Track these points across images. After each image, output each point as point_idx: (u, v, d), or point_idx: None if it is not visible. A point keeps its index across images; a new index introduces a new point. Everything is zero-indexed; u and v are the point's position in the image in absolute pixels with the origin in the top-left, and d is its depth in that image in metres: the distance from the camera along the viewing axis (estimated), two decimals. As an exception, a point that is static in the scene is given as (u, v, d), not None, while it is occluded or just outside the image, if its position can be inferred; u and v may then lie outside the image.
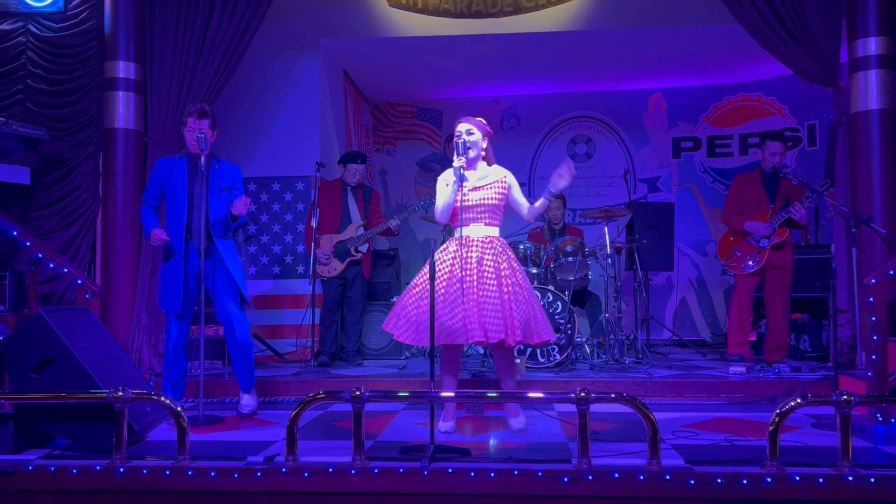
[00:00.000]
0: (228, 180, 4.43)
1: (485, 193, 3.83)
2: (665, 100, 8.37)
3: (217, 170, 4.42)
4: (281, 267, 6.57)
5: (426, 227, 7.68)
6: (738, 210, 5.49)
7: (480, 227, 3.83)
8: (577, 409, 2.88)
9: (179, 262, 4.30)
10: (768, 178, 5.42)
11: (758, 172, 5.53)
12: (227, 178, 4.43)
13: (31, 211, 5.51)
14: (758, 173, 5.52)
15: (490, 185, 3.85)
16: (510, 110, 8.63)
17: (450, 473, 2.88)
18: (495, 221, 3.87)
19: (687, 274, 8.13)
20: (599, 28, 6.46)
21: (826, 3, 5.19)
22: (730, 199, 5.61)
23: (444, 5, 6.44)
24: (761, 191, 5.42)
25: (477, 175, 3.87)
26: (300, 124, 6.57)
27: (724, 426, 3.93)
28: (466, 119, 3.95)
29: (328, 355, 5.87)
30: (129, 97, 5.52)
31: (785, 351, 5.43)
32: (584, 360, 5.69)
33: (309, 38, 6.60)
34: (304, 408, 3.03)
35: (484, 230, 3.83)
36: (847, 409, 2.81)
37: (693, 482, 2.76)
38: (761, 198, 5.41)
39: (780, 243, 5.28)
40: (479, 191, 3.83)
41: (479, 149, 3.88)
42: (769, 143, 5.41)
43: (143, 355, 5.34)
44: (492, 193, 3.83)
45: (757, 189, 5.44)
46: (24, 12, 5.66)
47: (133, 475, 2.97)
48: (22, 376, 3.54)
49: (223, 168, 4.45)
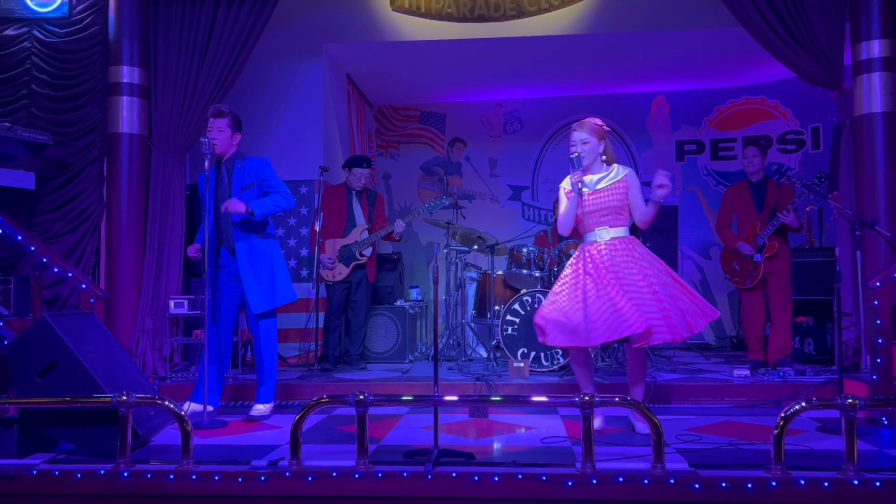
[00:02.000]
0: (250, 177, 4.37)
1: (607, 195, 3.81)
2: (668, 103, 8.38)
3: (240, 169, 4.38)
4: (285, 271, 6.57)
5: (430, 230, 7.68)
6: (728, 223, 5.65)
7: (606, 230, 3.82)
8: (581, 412, 2.87)
9: (210, 269, 4.29)
10: (755, 187, 5.56)
11: (745, 183, 5.66)
12: (249, 175, 4.37)
13: (36, 216, 5.52)
14: (745, 184, 5.65)
15: (610, 186, 3.82)
16: (513, 114, 8.64)
17: (454, 477, 2.87)
18: (620, 221, 3.82)
19: (690, 277, 8.12)
20: (602, 31, 6.46)
21: (829, 6, 5.18)
22: (721, 212, 5.76)
23: (446, 9, 6.45)
24: (749, 201, 5.55)
25: (597, 177, 3.85)
26: (304, 129, 6.59)
27: (729, 430, 3.91)
28: (579, 126, 3.88)
29: (332, 359, 5.88)
30: (134, 102, 5.53)
31: (789, 350, 5.49)
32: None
33: (312, 42, 6.62)
34: (308, 412, 3.04)
35: (611, 232, 3.81)
36: (852, 413, 2.80)
37: (698, 486, 2.76)
38: (750, 208, 5.54)
39: (773, 254, 5.39)
40: (600, 193, 3.82)
41: (598, 152, 3.85)
42: (747, 149, 5.65)
43: (147, 359, 5.34)
44: (612, 195, 3.81)
45: (746, 200, 5.58)
46: (28, 17, 5.68)
47: (137, 479, 2.97)
48: (27, 380, 3.54)
49: (245, 166, 4.39)
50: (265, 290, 4.34)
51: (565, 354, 5.37)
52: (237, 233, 4.32)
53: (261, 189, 4.38)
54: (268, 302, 4.35)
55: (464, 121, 8.70)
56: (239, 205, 4.19)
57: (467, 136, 8.72)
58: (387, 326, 6.42)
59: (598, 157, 3.85)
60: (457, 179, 8.67)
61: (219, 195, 4.31)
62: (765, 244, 5.37)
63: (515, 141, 8.58)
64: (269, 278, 4.36)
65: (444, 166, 8.67)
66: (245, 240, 4.33)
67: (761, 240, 5.38)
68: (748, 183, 5.61)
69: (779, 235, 5.40)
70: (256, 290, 4.31)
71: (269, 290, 4.35)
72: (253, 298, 4.31)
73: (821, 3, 5.17)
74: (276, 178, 4.42)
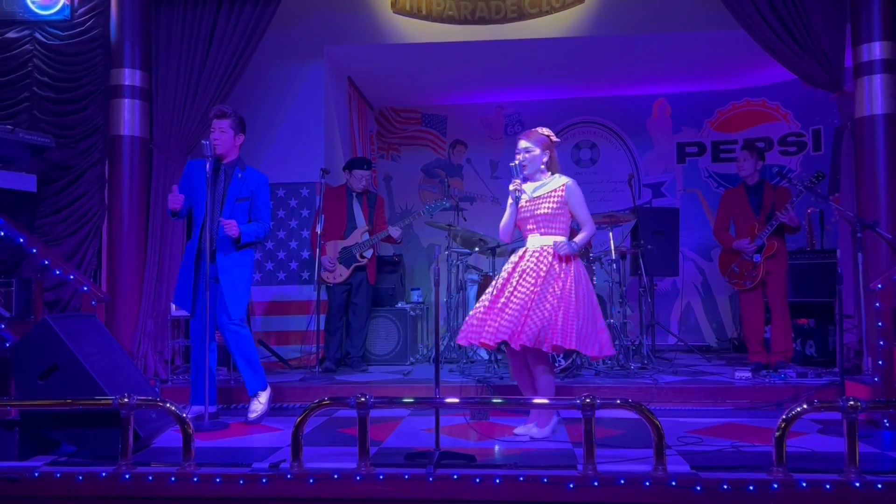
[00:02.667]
0: (249, 190, 4.40)
1: (540, 203, 3.88)
2: (669, 105, 8.38)
3: (240, 178, 4.39)
4: (286, 273, 6.58)
5: (431, 232, 7.69)
6: (726, 226, 5.66)
7: (536, 238, 3.89)
8: (583, 415, 2.87)
9: (190, 262, 4.32)
10: (752, 190, 5.58)
11: (742, 186, 5.67)
12: (247, 188, 4.40)
13: (38, 218, 5.53)
14: (742, 187, 5.66)
15: (546, 195, 3.89)
16: (514, 116, 8.64)
17: (455, 480, 2.87)
18: (552, 230, 3.87)
19: (692, 279, 8.12)
20: (603, 34, 6.47)
21: (830, 8, 5.19)
22: (719, 215, 5.77)
23: (448, 12, 6.46)
24: (747, 204, 5.56)
25: (534, 185, 3.94)
26: (305, 131, 6.59)
27: (730, 432, 3.91)
28: (525, 135, 4.02)
29: (333, 361, 5.88)
30: (135, 104, 5.54)
31: (790, 352, 5.48)
32: (588, 365, 5.68)
33: (313, 44, 6.63)
34: (309, 414, 3.04)
35: (539, 240, 3.86)
36: (854, 415, 2.80)
37: (699, 488, 2.76)
38: (747, 211, 5.55)
39: (772, 254, 5.38)
40: (535, 201, 3.89)
41: (540, 162, 3.95)
42: (740, 152, 5.72)
43: (148, 361, 5.35)
44: (546, 204, 3.87)
45: (743, 202, 5.58)
46: (30, 20, 5.69)
47: (138, 481, 2.97)
48: (28, 383, 3.55)
49: (247, 177, 4.41)
50: (242, 297, 4.41)
51: (567, 356, 5.36)
52: (222, 240, 4.33)
53: (253, 206, 4.41)
54: (243, 309, 4.43)
55: (465, 123, 8.70)
56: (234, 229, 4.24)
57: (468, 138, 8.72)
58: (388, 328, 6.42)
59: (539, 166, 3.94)
60: (458, 181, 8.68)
61: (213, 197, 4.32)
62: (764, 244, 5.38)
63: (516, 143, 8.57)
64: (244, 286, 4.43)
65: (445, 168, 8.67)
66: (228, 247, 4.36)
67: (760, 240, 5.38)
68: (744, 186, 5.63)
69: (777, 236, 5.41)
70: (235, 298, 4.37)
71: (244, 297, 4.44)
72: (232, 304, 4.35)
73: (822, 5, 5.18)
74: (267, 205, 4.49)
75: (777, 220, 5.30)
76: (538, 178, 3.96)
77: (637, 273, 6.30)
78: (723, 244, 5.69)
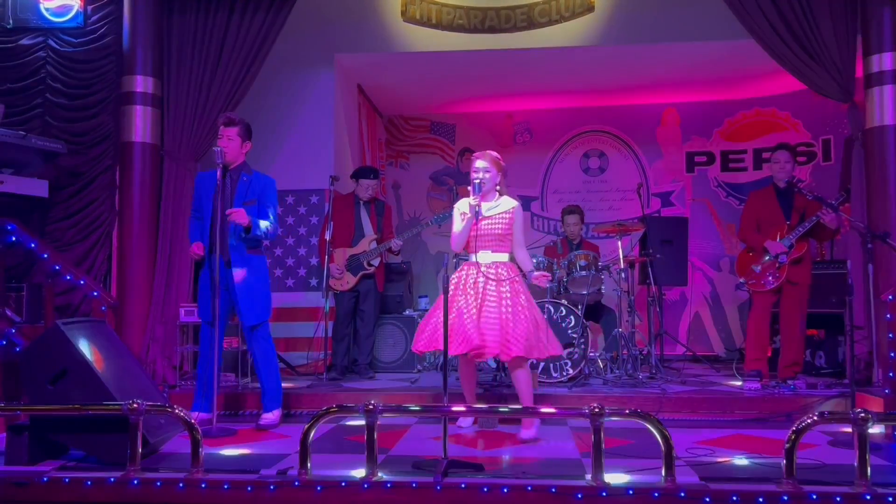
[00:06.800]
0: (255, 192, 4.42)
1: (493, 223, 4.13)
2: (678, 114, 8.37)
3: (245, 181, 4.42)
4: (294, 279, 6.60)
5: (439, 240, 7.70)
6: (755, 227, 5.38)
7: (488, 254, 4.12)
8: (591, 424, 2.87)
9: (206, 272, 4.35)
10: (782, 193, 5.32)
11: (771, 188, 5.41)
12: (254, 191, 4.42)
13: (49, 223, 5.56)
14: (771, 189, 5.40)
15: (498, 215, 4.16)
16: (523, 124, 8.65)
17: (462, 489, 2.87)
18: (502, 248, 4.15)
19: (701, 289, 8.09)
20: (612, 43, 6.47)
21: (841, 19, 5.18)
22: (745, 216, 5.49)
23: (457, 20, 6.48)
24: (776, 207, 5.31)
25: (488, 206, 4.18)
26: (314, 138, 6.62)
27: (740, 443, 3.89)
28: (481, 156, 4.25)
29: (340, 368, 5.88)
30: (147, 111, 5.57)
31: (800, 367, 5.35)
32: (597, 374, 5.66)
33: (324, 52, 6.66)
34: (316, 421, 3.04)
35: (491, 256, 4.12)
36: (864, 427, 2.78)
37: (708, 499, 2.74)
38: (777, 214, 5.30)
39: (799, 258, 5.17)
40: (488, 220, 4.13)
41: (494, 183, 4.20)
42: (777, 153, 5.37)
43: (157, 367, 5.36)
44: (498, 224, 4.14)
45: (772, 205, 5.33)
46: (44, 27, 5.75)
47: (147, 487, 2.98)
48: (38, 387, 3.56)
49: (252, 180, 4.44)
50: (259, 302, 4.43)
51: (574, 365, 5.35)
52: (234, 244, 4.35)
53: (259, 208, 4.42)
54: (260, 314, 4.44)
55: (473, 131, 8.72)
56: (243, 216, 4.23)
57: (477, 146, 8.72)
58: (395, 336, 6.42)
59: (494, 186, 4.20)
60: (466, 190, 8.67)
61: (222, 201, 4.32)
62: (792, 245, 5.15)
63: (525, 152, 8.59)
64: (261, 291, 4.45)
65: (454, 176, 8.68)
66: (241, 252, 4.38)
67: (789, 240, 5.14)
68: (774, 187, 5.37)
69: (805, 241, 5.19)
70: (251, 303, 4.39)
71: (262, 302, 4.45)
72: (248, 311, 4.38)
73: (832, 16, 5.17)
74: (274, 206, 4.51)
75: (816, 218, 5.03)
76: (489, 198, 4.20)
77: (646, 282, 6.28)
78: (750, 244, 5.39)
